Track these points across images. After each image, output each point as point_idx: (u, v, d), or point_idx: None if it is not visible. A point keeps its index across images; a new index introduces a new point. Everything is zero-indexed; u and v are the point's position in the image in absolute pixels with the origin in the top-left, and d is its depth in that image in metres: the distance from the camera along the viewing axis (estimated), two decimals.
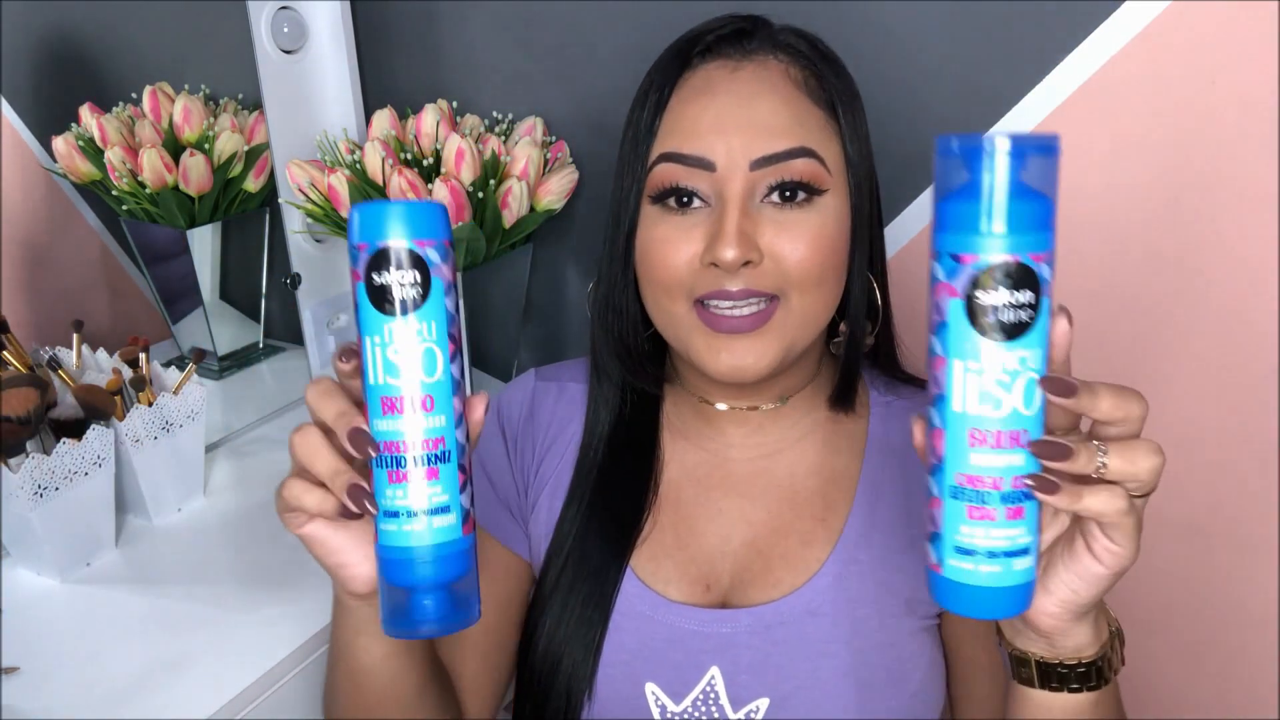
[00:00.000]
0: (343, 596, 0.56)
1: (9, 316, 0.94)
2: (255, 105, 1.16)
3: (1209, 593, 0.88)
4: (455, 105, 1.09)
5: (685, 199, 0.61)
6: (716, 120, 0.60)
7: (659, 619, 0.66)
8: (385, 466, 0.47)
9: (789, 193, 0.60)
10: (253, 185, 1.17)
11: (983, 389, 0.43)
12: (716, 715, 0.65)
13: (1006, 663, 0.54)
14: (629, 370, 0.70)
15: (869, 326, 0.67)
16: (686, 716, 0.65)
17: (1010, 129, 0.84)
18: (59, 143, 1.09)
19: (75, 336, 0.99)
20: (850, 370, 0.68)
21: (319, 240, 1.18)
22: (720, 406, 0.70)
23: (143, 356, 0.97)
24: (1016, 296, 0.42)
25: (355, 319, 0.48)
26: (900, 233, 0.93)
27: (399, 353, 0.46)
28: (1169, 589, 0.90)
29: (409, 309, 0.46)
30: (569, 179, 1.04)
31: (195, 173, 1.07)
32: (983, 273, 0.42)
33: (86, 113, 1.09)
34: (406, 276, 0.46)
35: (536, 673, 0.68)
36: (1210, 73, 0.76)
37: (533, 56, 1.07)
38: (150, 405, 0.94)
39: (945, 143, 0.42)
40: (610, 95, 1.04)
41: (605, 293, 0.68)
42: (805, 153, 0.60)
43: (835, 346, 0.70)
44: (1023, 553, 0.45)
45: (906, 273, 0.90)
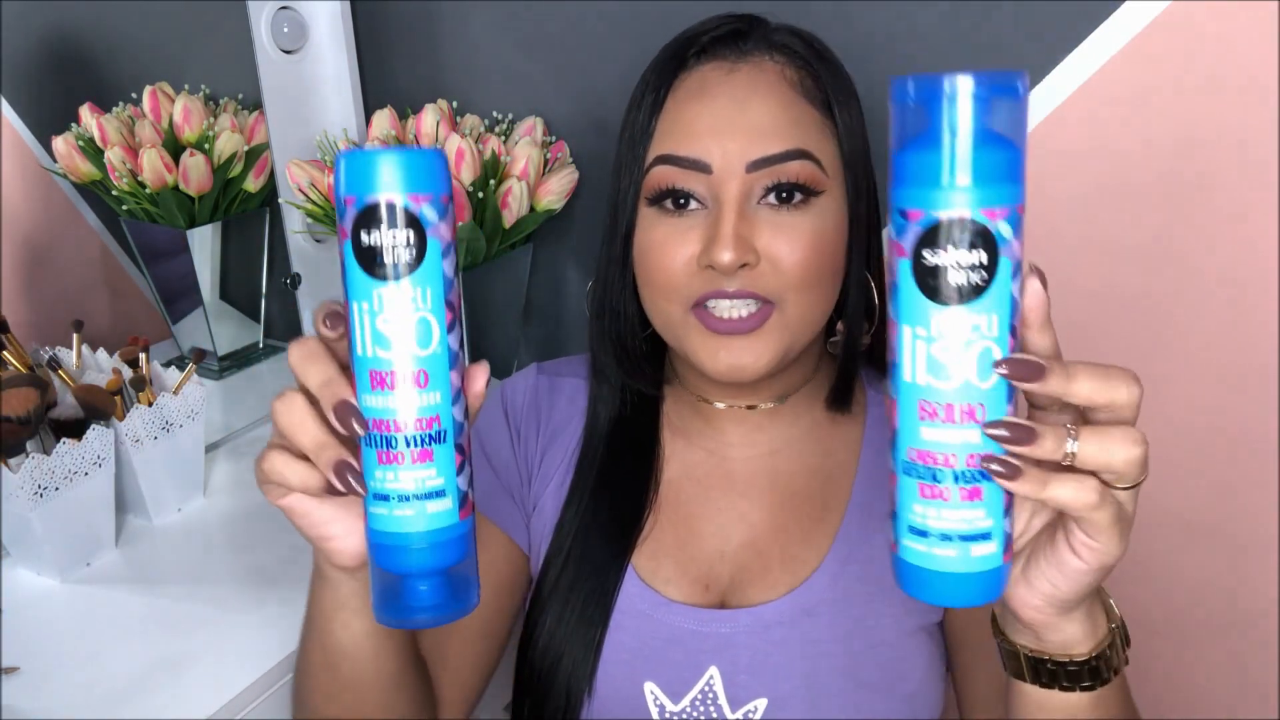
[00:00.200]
0: (325, 568, 0.53)
1: (9, 316, 0.94)
2: (255, 105, 1.16)
3: (1209, 593, 0.88)
4: (455, 105, 1.09)
5: (682, 201, 0.61)
6: (712, 123, 0.60)
7: (659, 618, 0.66)
8: (375, 446, 0.43)
9: (785, 194, 0.60)
10: (253, 185, 1.17)
11: (931, 357, 0.39)
12: (715, 715, 0.65)
13: (1000, 654, 0.51)
14: (627, 371, 0.70)
15: (866, 326, 0.67)
16: (685, 716, 0.65)
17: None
18: (59, 143, 1.09)
19: (75, 336, 0.99)
20: (847, 370, 0.68)
21: (319, 240, 1.18)
22: (719, 405, 0.70)
23: (143, 356, 0.97)
24: (967, 256, 0.38)
25: (342, 281, 0.43)
26: None
27: (390, 322, 0.42)
28: (1169, 589, 0.89)
29: (401, 273, 0.41)
30: (569, 179, 1.04)
31: (195, 173, 1.07)
32: (928, 230, 0.38)
33: (86, 113, 1.09)
34: (399, 236, 0.41)
35: (536, 670, 0.68)
36: (1210, 73, 0.76)
37: (533, 56, 1.07)
38: (150, 405, 0.94)
39: (900, 85, 0.38)
40: (610, 95, 1.04)
41: (603, 294, 0.68)
42: (801, 155, 0.60)
43: (833, 346, 0.70)
44: (982, 537, 0.41)
45: None
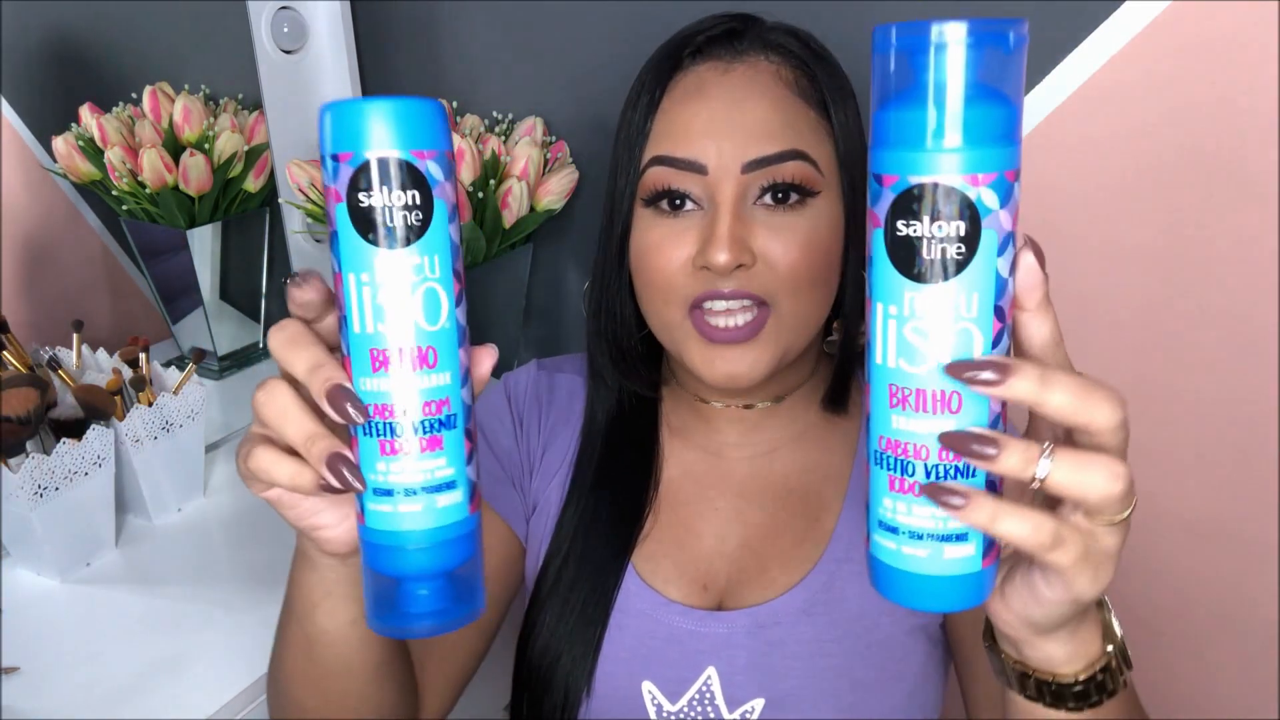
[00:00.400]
0: (312, 553, 0.49)
1: (9, 316, 0.94)
2: (255, 105, 1.16)
3: (1209, 593, 0.88)
4: (455, 105, 1.09)
5: (678, 202, 0.61)
6: (708, 123, 0.60)
7: (658, 618, 0.66)
8: (376, 435, 0.39)
9: (781, 195, 0.60)
10: (253, 185, 1.17)
11: (903, 338, 0.36)
12: (712, 715, 0.65)
13: (989, 660, 0.48)
14: (623, 373, 0.70)
15: (863, 326, 0.67)
16: (682, 716, 0.65)
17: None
18: (59, 143, 1.09)
19: (75, 336, 0.99)
20: (844, 370, 0.68)
21: (319, 240, 1.18)
22: (716, 405, 0.70)
23: (143, 356, 0.97)
24: (944, 227, 0.34)
25: (332, 249, 0.38)
26: None
27: (393, 294, 0.37)
28: (1169, 589, 0.89)
29: (406, 238, 0.37)
30: (569, 179, 1.04)
31: (195, 173, 1.07)
32: (902, 197, 0.34)
33: (86, 113, 1.09)
34: (404, 198, 0.37)
35: (535, 669, 0.68)
36: (1210, 73, 0.76)
37: (533, 56, 1.07)
38: (150, 405, 0.94)
39: (882, 34, 0.34)
40: (610, 95, 1.04)
41: (599, 295, 0.68)
42: (796, 155, 0.60)
43: (830, 345, 0.70)
44: (957, 538, 0.37)
45: None
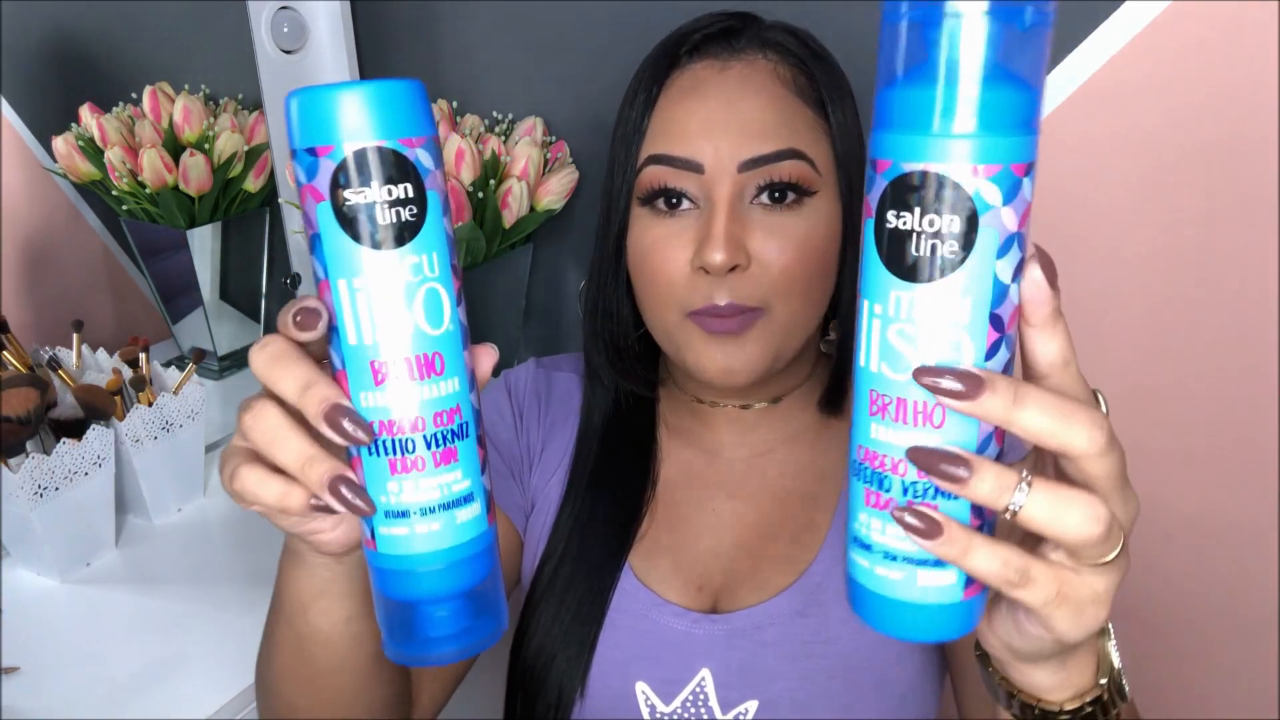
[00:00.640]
0: (304, 553, 0.46)
1: (9, 316, 0.94)
2: (255, 105, 1.16)
3: (1209, 593, 0.88)
4: (455, 105, 1.09)
5: (674, 200, 0.61)
6: (705, 122, 0.60)
7: (653, 618, 0.66)
8: (385, 454, 0.36)
9: (778, 194, 0.59)
10: (253, 185, 1.17)
11: (886, 340, 0.32)
12: (706, 716, 0.64)
13: (980, 671, 0.45)
14: (620, 372, 0.70)
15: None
16: (676, 717, 0.65)
17: None
18: (59, 143, 1.09)
19: (75, 336, 0.99)
20: (840, 372, 0.68)
21: None
22: (713, 405, 0.70)
23: (143, 356, 0.97)
24: (935, 221, 0.30)
25: (314, 254, 0.34)
26: None
27: (391, 299, 0.34)
28: (1169, 589, 0.89)
29: (400, 238, 0.34)
30: (569, 179, 1.04)
31: (195, 173, 1.07)
32: (893, 185, 0.31)
33: (86, 113, 1.09)
34: (396, 191, 0.33)
35: (529, 669, 0.67)
36: (1210, 73, 0.76)
37: (533, 56, 1.07)
38: (150, 405, 0.94)
39: (892, 4, 0.31)
40: (610, 95, 1.03)
41: (595, 294, 0.68)
42: (793, 154, 0.59)
43: (827, 346, 0.70)
44: (933, 564, 0.34)
45: None
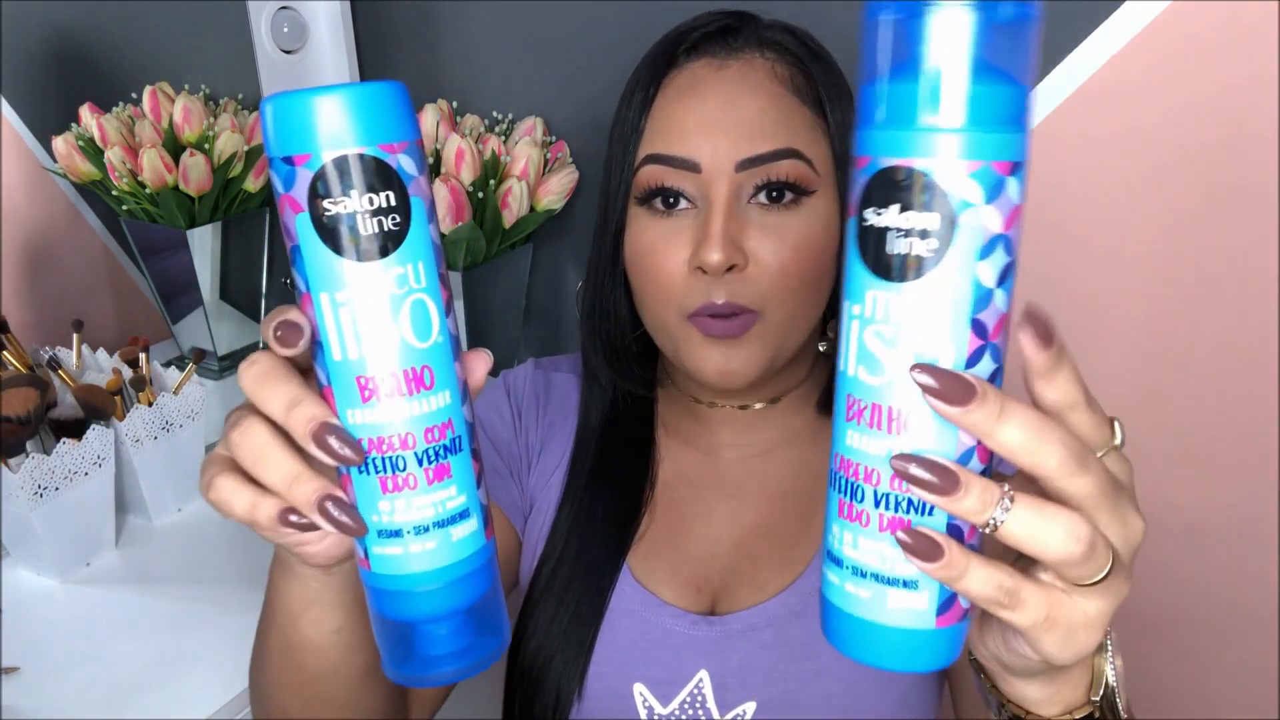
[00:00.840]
0: (292, 563, 0.46)
1: (9, 316, 0.94)
2: (255, 105, 1.16)
3: (1209, 593, 0.88)
4: (455, 105, 1.09)
5: (671, 200, 0.60)
6: (702, 121, 0.59)
7: (651, 619, 0.66)
8: (375, 472, 0.34)
9: (775, 194, 0.59)
10: (253, 185, 1.17)
11: (863, 344, 0.31)
12: (703, 718, 0.64)
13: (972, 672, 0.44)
14: (617, 373, 0.70)
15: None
16: (674, 718, 0.65)
17: None
18: (59, 143, 1.09)
19: (75, 336, 0.99)
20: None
21: None
22: (711, 405, 0.69)
23: (143, 356, 0.97)
24: (910, 219, 0.29)
25: (295, 267, 0.33)
26: None
27: (376, 312, 0.33)
28: (1169, 589, 0.89)
29: (385, 248, 0.32)
30: (569, 179, 1.04)
31: (195, 173, 1.07)
32: (872, 182, 0.30)
33: (86, 113, 1.09)
34: (377, 199, 0.32)
35: (527, 669, 0.67)
36: (1210, 73, 0.76)
37: (533, 56, 1.07)
38: (150, 405, 0.94)
39: (874, 7, 0.31)
40: (610, 95, 1.03)
41: (593, 294, 0.68)
42: (791, 154, 0.59)
43: (827, 346, 0.70)
44: (904, 584, 0.32)
45: None
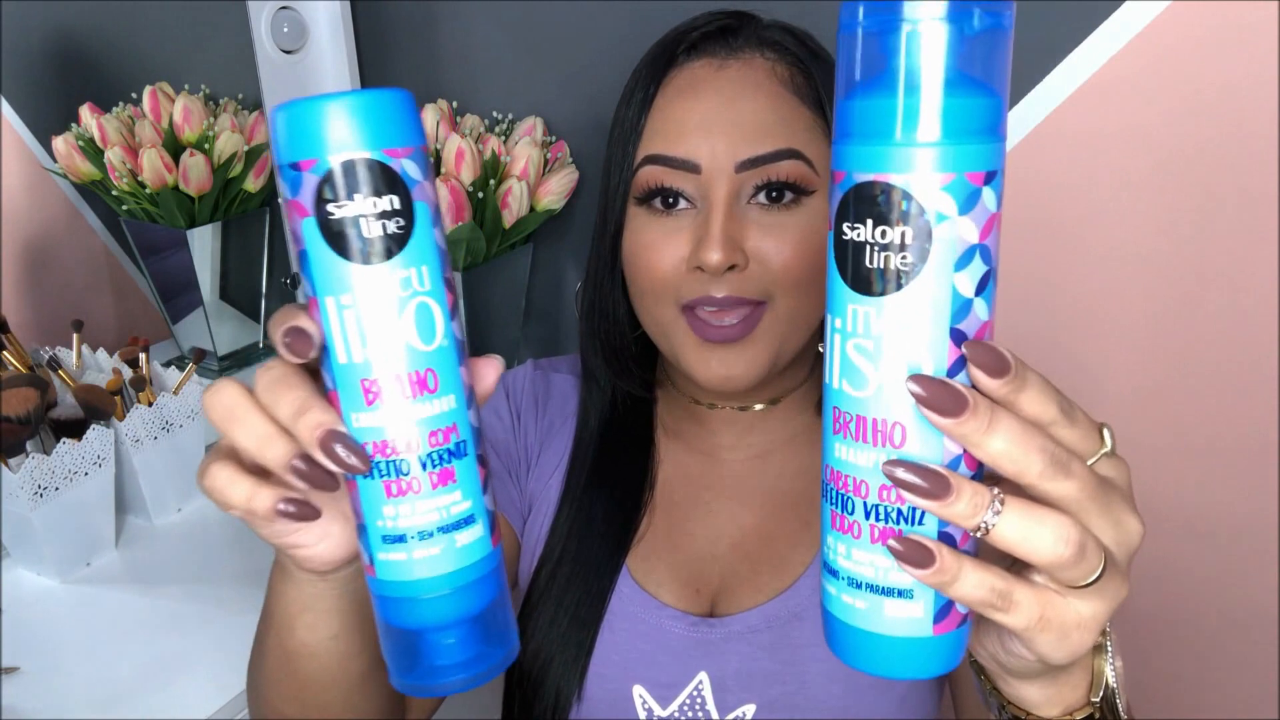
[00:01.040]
0: (290, 567, 0.45)
1: (9, 316, 0.94)
2: (255, 105, 1.16)
3: (1209, 593, 0.88)
4: (455, 105, 1.09)
5: (671, 200, 0.60)
6: (702, 121, 0.59)
7: (650, 621, 0.66)
8: (379, 477, 0.34)
9: (775, 194, 0.59)
10: (253, 185, 1.17)
11: (846, 357, 0.31)
12: None
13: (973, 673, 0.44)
14: (616, 373, 0.70)
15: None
16: None
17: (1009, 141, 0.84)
18: (59, 143, 1.09)
19: (75, 336, 0.99)
20: None
21: None
22: (711, 407, 0.69)
23: (143, 356, 0.97)
24: (885, 233, 0.30)
25: (303, 271, 0.34)
26: None
27: (379, 315, 0.33)
28: (1169, 589, 0.89)
29: (388, 251, 0.33)
30: (569, 179, 1.04)
31: (195, 173, 1.07)
32: (847, 196, 0.30)
33: (86, 113, 1.09)
34: (380, 203, 0.32)
35: (526, 671, 0.67)
36: (1210, 73, 0.76)
37: (533, 56, 1.07)
38: (150, 405, 0.94)
39: (848, 11, 0.30)
40: (610, 95, 1.03)
41: (592, 294, 0.68)
42: (791, 154, 0.59)
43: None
44: (899, 594, 0.32)
45: None
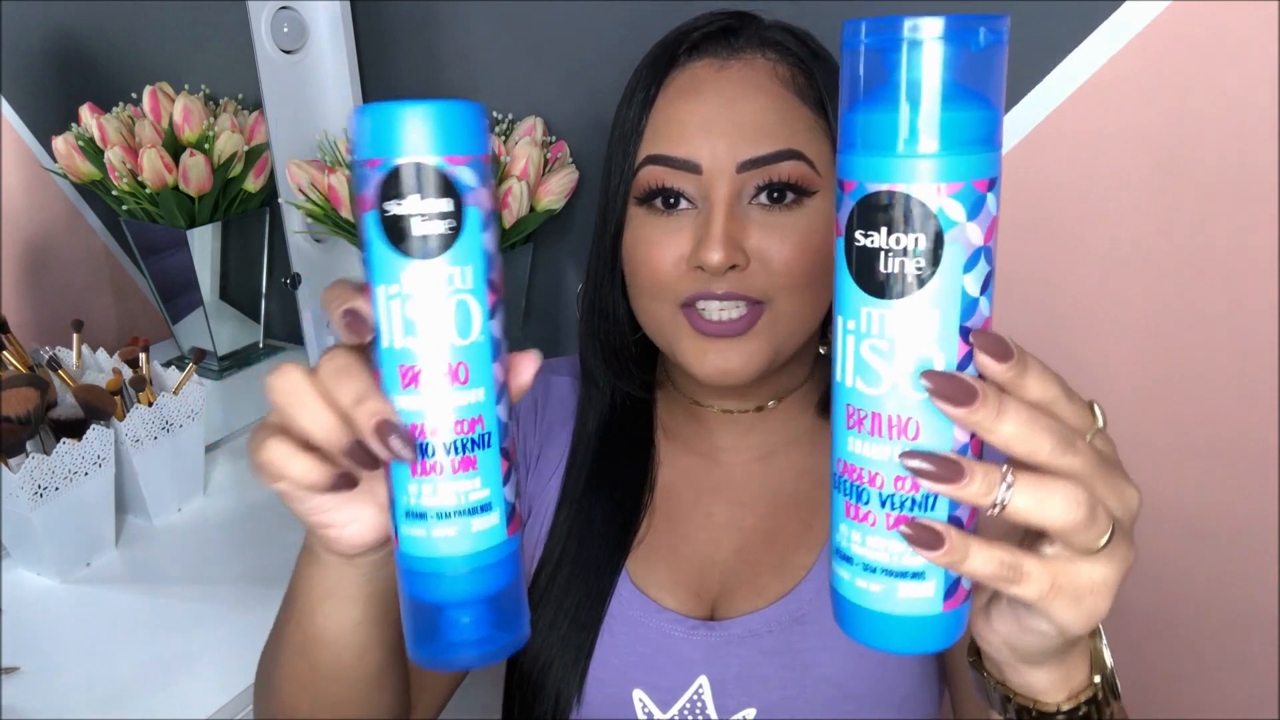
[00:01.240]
0: (318, 550, 0.47)
1: (9, 316, 0.94)
2: (255, 105, 1.16)
3: (1209, 593, 0.88)
4: None
5: (672, 201, 0.60)
6: (703, 122, 0.59)
7: (650, 625, 0.65)
8: None
9: (776, 194, 0.59)
10: (253, 185, 1.17)
11: (860, 357, 0.34)
12: None
13: (972, 675, 0.46)
14: (616, 374, 0.69)
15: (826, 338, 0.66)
16: None
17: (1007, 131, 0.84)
18: (59, 143, 1.09)
19: (75, 336, 0.99)
20: None
21: (319, 240, 1.18)
22: (711, 408, 0.69)
23: (143, 356, 0.97)
24: (900, 240, 0.32)
25: (364, 260, 0.38)
26: None
27: (422, 307, 0.36)
28: (1169, 589, 0.89)
29: (435, 248, 0.36)
30: (569, 179, 1.04)
31: (195, 173, 1.07)
32: (860, 205, 0.33)
33: (86, 113, 1.09)
34: (433, 206, 0.36)
35: (526, 674, 0.67)
36: (1210, 73, 0.76)
37: (533, 56, 1.07)
38: (150, 405, 0.94)
39: (851, 30, 0.33)
40: (610, 95, 1.03)
41: (592, 295, 0.67)
42: (792, 155, 0.59)
43: (826, 348, 0.69)
44: (912, 576, 0.35)
45: None
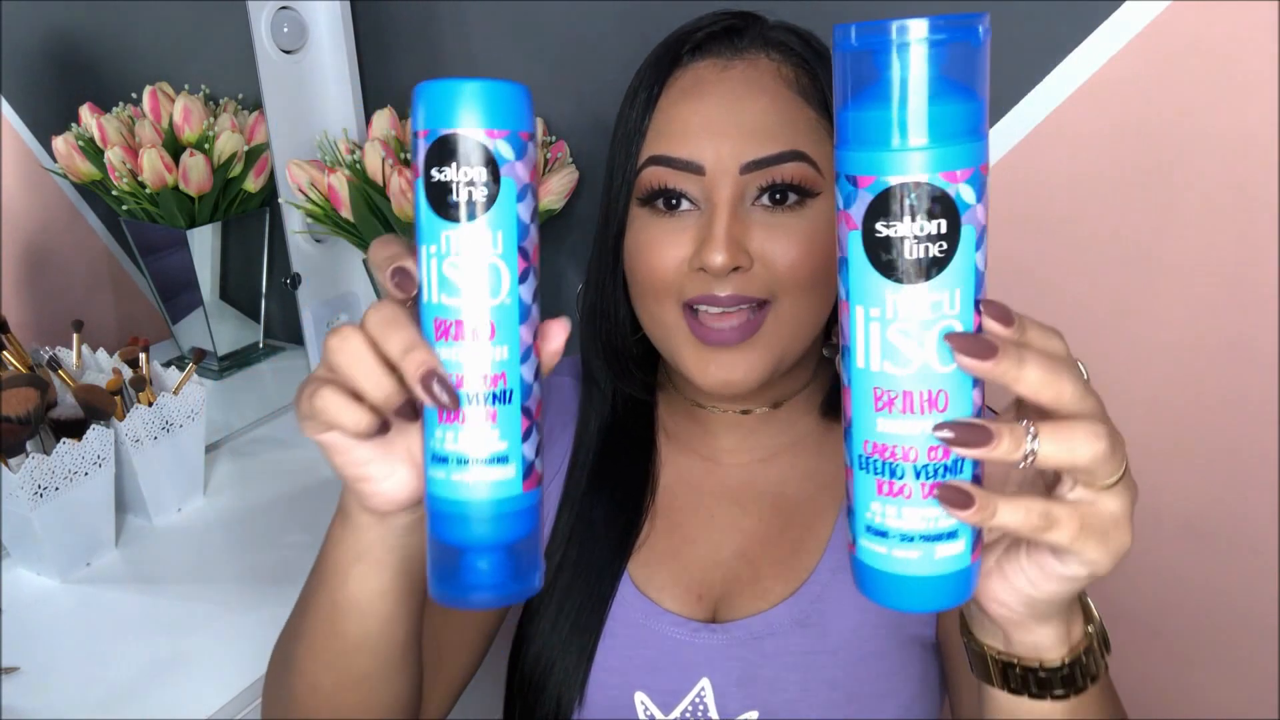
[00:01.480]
0: (353, 510, 0.48)
1: (9, 316, 0.94)
2: (255, 105, 1.16)
3: (1209, 593, 0.88)
4: None
5: (674, 201, 0.60)
6: (706, 122, 0.59)
7: (652, 627, 0.65)
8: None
9: (779, 195, 0.59)
10: (253, 185, 1.17)
11: (887, 340, 0.35)
12: None
13: (967, 656, 0.47)
14: (617, 375, 0.69)
15: (835, 329, 0.66)
16: None
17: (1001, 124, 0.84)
18: (59, 143, 1.09)
19: (75, 336, 0.99)
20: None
21: (319, 240, 1.18)
22: (712, 410, 0.69)
23: (143, 356, 0.97)
24: (925, 226, 0.34)
25: (414, 222, 0.42)
26: None
27: (457, 267, 0.40)
28: (1169, 589, 0.89)
29: (472, 213, 0.39)
30: (569, 179, 1.04)
31: (195, 173, 1.07)
32: (880, 198, 0.34)
33: (86, 113, 1.09)
34: (470, 174, 0.39)
35: (527, 677, 0.67)
36: (1210, 73, 0.76)
37: (533, 56, 1.07)
38: (150, 405, 0.94)
39: (843, 33, 0.34)
40: (611, 95, 1.03)
41: (594, 296, 0.67)
42: (796, 156, 0.58)
43: (829, 350, 0.69)
44: (948, 536, 0.37)
45: None
